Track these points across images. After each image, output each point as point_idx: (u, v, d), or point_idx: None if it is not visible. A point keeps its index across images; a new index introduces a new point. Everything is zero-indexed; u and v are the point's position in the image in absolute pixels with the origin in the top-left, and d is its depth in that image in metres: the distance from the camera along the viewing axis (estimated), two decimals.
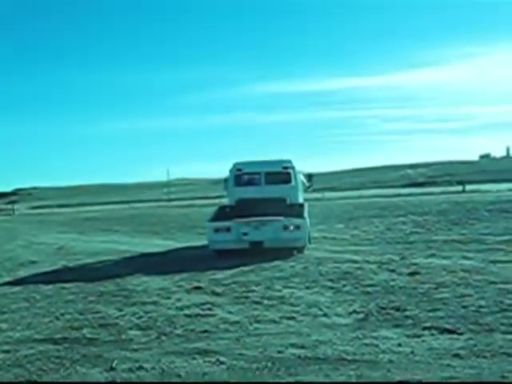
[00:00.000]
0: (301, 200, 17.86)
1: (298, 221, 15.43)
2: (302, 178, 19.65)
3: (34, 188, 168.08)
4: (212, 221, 16.36)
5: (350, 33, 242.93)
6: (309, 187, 21.00)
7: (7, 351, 7.37)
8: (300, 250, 15.34)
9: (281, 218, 15.48)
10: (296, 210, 16.29)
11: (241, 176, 17.92)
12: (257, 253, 15.06)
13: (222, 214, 16.90)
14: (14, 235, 29.97)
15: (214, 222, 16.18)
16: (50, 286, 12.29)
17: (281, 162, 17.83)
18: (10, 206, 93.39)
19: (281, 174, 17.58)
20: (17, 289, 12.37)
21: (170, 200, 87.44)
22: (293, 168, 17.61)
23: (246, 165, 18.13)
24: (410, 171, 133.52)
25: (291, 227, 15.28)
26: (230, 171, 18.00)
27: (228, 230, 15.56)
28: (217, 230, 15.64)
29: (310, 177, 21.08)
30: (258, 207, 16.22)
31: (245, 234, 15.43)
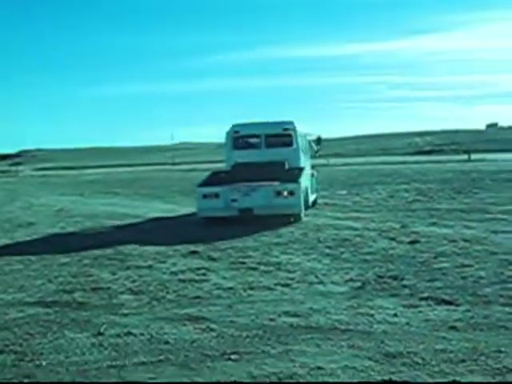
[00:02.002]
0: (302, 164, 16.50)
1: (291, 186, 14.41)
2: (309, 141, 18.78)
3: (39, 150, 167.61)
4: (201, 186, 15.39)
5: None
6: (317, 151, 20.00)
7: None
8: (296, 217, 14.51)
9: (273, 182, 14.57)
10: (293, 175, 15.11)
11: (238, 138, 16.80)
12: (247, 221, 14.32)
13: (215, 179, 15.90)
14: (14, 197, 29.87)
15: (203, 187, 15.24)
16: (46, 248, 12.17)
17: (281, 123, 16.75)
18: (14, 168, 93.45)
19: (281, 137, 16.54)
20: (12, 250, 12.27)
21: (174, 164, 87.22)
22: (294, 130, 16.51)
23: (245, 126, 17.02)
24: (417, 139, 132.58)
25: (284, 193, 14.34)
26: (227, 133, 16.90)
27: (217, 196, 14.59)
28: (205, 196, 14.70)
29: (318, 140, 19.94)
30: (254, 172, 15.25)
31: (234, 200, 14.44)
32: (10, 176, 68.92)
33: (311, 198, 17.17)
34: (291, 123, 16.65)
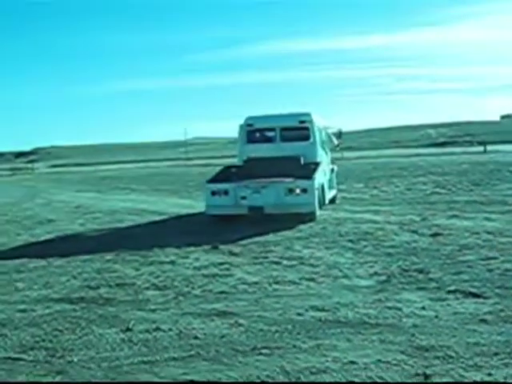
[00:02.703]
0: (320, 159, 15.57)
1: (305, 183, 13.50)
2: (328, 134, 17.95)
3: (53, 147, 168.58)
4: (210, 182, 14.65)
5: None
6: (337, 145, 19.10)
7: (23, 310, 7.30)
8: (310, 216, 13.55)
9: (285, 179, 13.71)
10: (307, 171, 14.10)
11: (252, 132, 15.96)
12: (257, 220, 13.63)
13: (225, 174, 15.23)
14: (33, 194, 30.08)
15: (212, 183, 14.50)
16: (68, 245, 12.24)
17: (298, 115, 15.78)
18: (29, 165, 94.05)
19: (298, 130, 15.62)
20: (34, 247, 12.36)
21: (188, 159, 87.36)
22: (311, 122, 15.56)
23: (259, 119, 16.10)
24: (430, 131, 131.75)
25: (297, 190, 13.45)
26: (241, 126, 16.02)
27: (226, 193, 13.81)
28: (214, 193, 13.93)
29: (339, 133, 19.03)
30: (266, 167, 14.49)
31: (243, 198, 13.64)
32: (27, 173, 69.32)
33: (329, 194, 16.52)
34: (308, 115, 15.77)
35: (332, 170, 17.78)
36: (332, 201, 17.00)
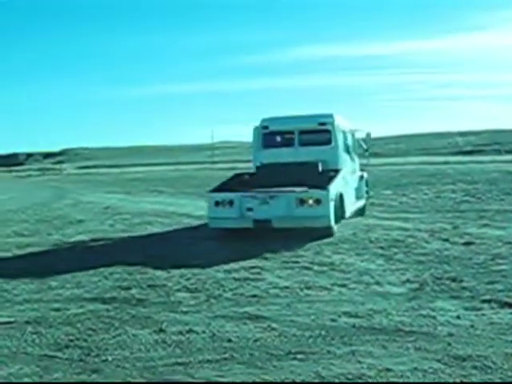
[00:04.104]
0: (342, 166, 13.91)
1: (318, 193, 11.85)
2: (355, 138, 16.54)
3: (82, 148, 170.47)
4: (213, 191, 13.02)
5: None
6: (366, 150, 17.60)
7: (57, 309, 7.38)
8: (325, 232, 12.03)
9: (296, 188, 12.12)
10: (323, 179, 12.46)
11: (268, 135, 14.41)
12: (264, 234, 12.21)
13: (234, 182, 13.69)
14: (62, 194, 30.44)
15: (216, 192, 12.89)
16: (99, 244, 12.37)
17: (318, 116, 14.19)
18: (57, 166, 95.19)
19: (318, 133, 14.03)
20: (66, 246, 12.51)
21: (213, 162, 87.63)
22: (333, 124, 13.93)
23: (275, 121, 14.54)
24: (458, 139, 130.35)
25: (309, 201, 11.80)
26: (255, 129, 14.50)
27: (230, 203, 12.23)
28: (217, 204, 12.33)
29: (368, 138, 17.19)
30: (281, 175, 13.02)
31: (249, 209, 12.07)
32: (55, 174, 70.15)
33: (354, 205, 14.81)
34: (329, 116, 14.16)
35: (361, 178, 16.37)
36: (361, 211, 15.64)
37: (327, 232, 12.03)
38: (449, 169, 42.15)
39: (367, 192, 17.09)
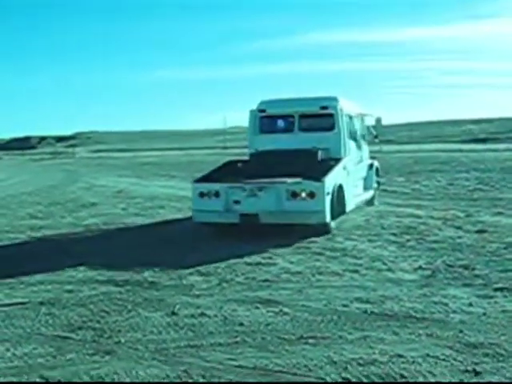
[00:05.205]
0: (346, 154, 12.56)
1: (311, 184, 10.53)
2: (365, 123, 15.19)
3: (94, 132, 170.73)
4: (199, 181, 11.80)
5: None
6: (376, 136, 15.91)
7: (70, 291, 7.46)
8: (321, 229, 10.77)
9: (288, 179, 10.74)
10: (320, 169, 11.00)
11: (265, 119, 13.09)
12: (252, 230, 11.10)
13: (223, 171, 12.35)
14: (75, 178, 30.55)
15: (200, 182, 11.62)
16: (111, 228, 12.43)
17: (321, 99, 12.82)
18: (70, 150, 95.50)
19: (320, 117, 12.69)
20: (79, 229, 12.59)
21: (224, 148, 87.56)
22: (336, 108, 12.46)
23: (273, 103, 13.18)
24: (471, 126, 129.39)
25: (302, 194, 10.51)
26: (251, 113, 13.12)
27: (216, 195, 10.98)
28: (202, 195, 11.11)
29: (378, 123, 15.77)
30: (276, 164, 11.73)
31: (236, 201, 10.82)
32: (67, 157, 70.44)
33: (358, 197, 13.45)
34: (333, 99, 12.76)
35: (371, 166, 15.08)
36: (369, 202, 14.60)
37: (323, 229, 10.82)
38: (462, 156, 41.75)
39: (378, 182, 15.75)
